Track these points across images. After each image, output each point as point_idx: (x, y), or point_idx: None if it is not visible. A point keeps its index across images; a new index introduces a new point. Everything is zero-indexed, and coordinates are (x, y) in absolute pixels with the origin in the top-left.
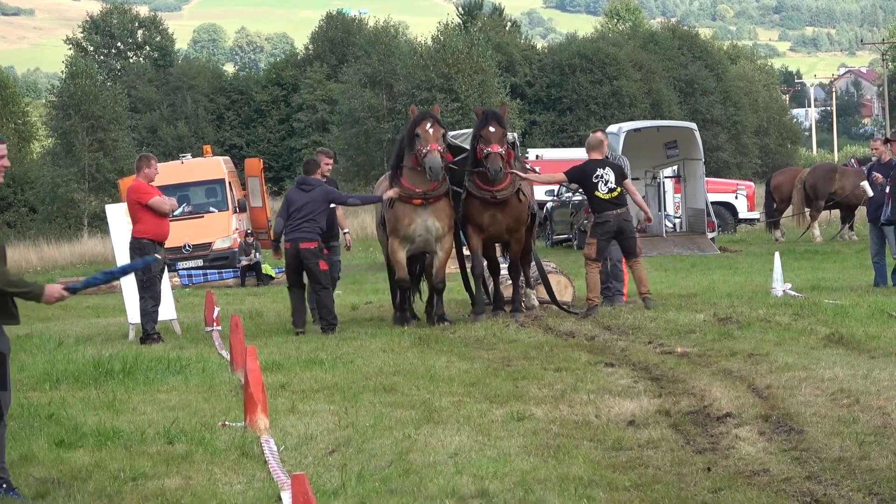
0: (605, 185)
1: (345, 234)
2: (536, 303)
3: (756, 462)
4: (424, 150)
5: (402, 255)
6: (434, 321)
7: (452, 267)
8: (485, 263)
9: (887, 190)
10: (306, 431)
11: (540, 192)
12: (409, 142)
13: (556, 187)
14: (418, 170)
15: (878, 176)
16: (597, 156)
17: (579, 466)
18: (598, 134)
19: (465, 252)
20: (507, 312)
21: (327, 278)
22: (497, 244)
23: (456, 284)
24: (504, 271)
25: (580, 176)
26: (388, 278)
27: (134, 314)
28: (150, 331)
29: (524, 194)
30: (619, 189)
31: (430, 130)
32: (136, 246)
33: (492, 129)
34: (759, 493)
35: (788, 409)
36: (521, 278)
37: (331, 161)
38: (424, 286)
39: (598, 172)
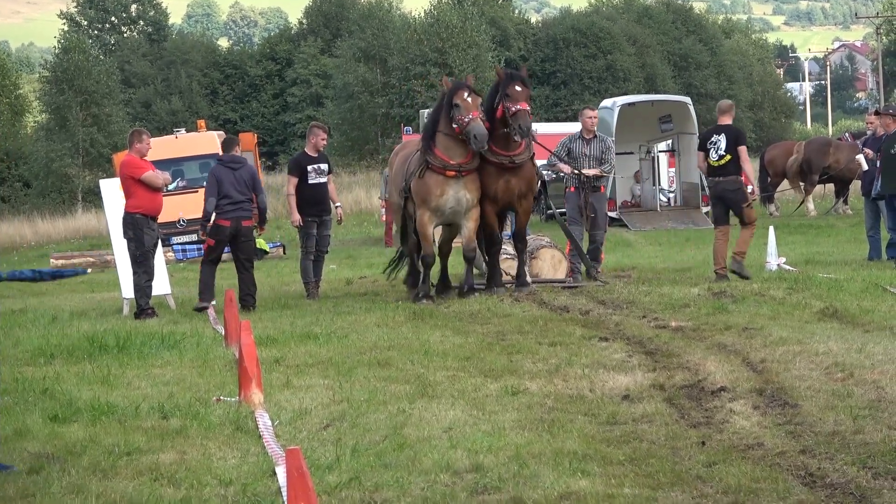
0: (716, 151)
1: (336, 207)
2: (529, 279)
3: (750, 436)
4: (467, 119)
5: (430, 230)
6: (464, 291)
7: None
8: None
9: (878, 164)
10: (301, 406)
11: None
12: (448, 113)
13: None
14: (457, 139)
15: (867, 151)
16: (725, 120)
17: (573, 441)
18: (729, 101)
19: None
20: (505, 288)
21: (254, 256)
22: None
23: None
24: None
25: (704, 140)
26: (402, 244)
27: (128, 289)
28: (143, 306)
29: (533, 160)
30: (727, 157)
31: (469, 99)
32: (129, 221)
33: (518, 87)
34: (754, 467)
35: (783, 383)
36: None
37: (325, 135)
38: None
39: (713, 138)
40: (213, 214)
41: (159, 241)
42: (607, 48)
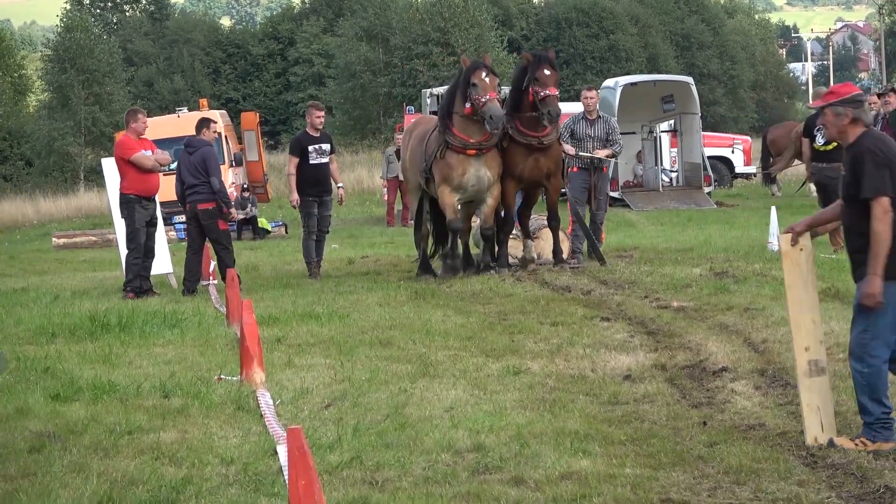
0: (822, 136)
1: (339, 188)
2: (535, 255)
3: (752, 416)
4: (483, 99)
5: (454, 199)
6: (481, 268)
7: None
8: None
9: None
10: (302, 385)
11: None
12: (464, 91)
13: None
14: (473, 119)
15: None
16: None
17: (575, 420)
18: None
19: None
20: (509, 270)
21: (228, 238)
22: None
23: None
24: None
25: (810, 126)
26: (415, 229)
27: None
28: (128, 280)
29: (560, 140)
30: (834, 143)
31: (487, 79)
32: (124, 201)
33: (547, 71)
34: (755, 447)
35: (784, 364)
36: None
37: (322, 114)
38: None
39: (819, 124)
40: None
41: (160, 220)
42: (609, 28)
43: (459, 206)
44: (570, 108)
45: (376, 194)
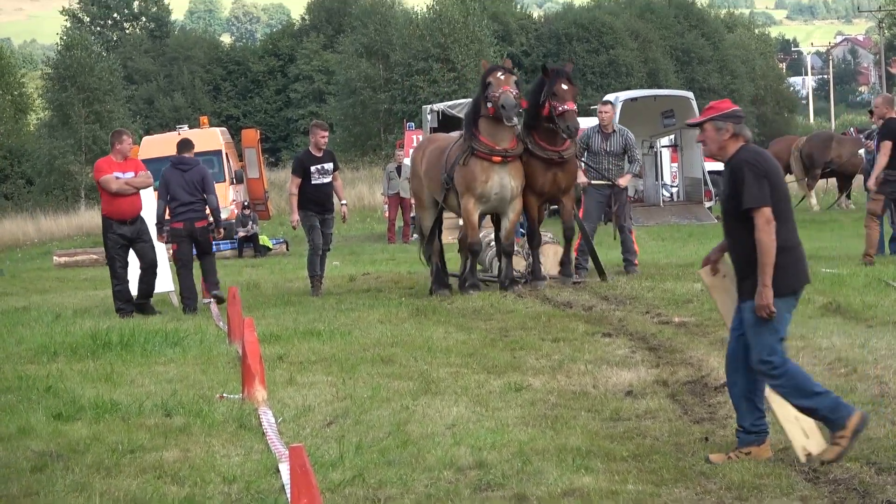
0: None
1: (342, 205)
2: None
3: None
4: (497, 93)
5: (476, 217)
6: (506, 286)
7: (451, 238)
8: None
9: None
10: (304, 403)
11: None
12: (483, 92)
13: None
14: (497, 124)
15: (868, 143)
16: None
17: (577, 437)
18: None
19: (459, 222)
20: (544, 282)
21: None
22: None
23: (453, 255)
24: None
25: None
26: (426, 244)
27: (132, 287)
28: (118, 307)
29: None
30: None
31: (502, 77)
32: (103, 224)
33: (564, 86)
34: (757, 463)
35: None
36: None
37: (326, 133)
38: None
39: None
40: (167, 218)
41: (153, 238)
42: (609, 43)
43: (479, 212)
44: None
45: (377, 211)
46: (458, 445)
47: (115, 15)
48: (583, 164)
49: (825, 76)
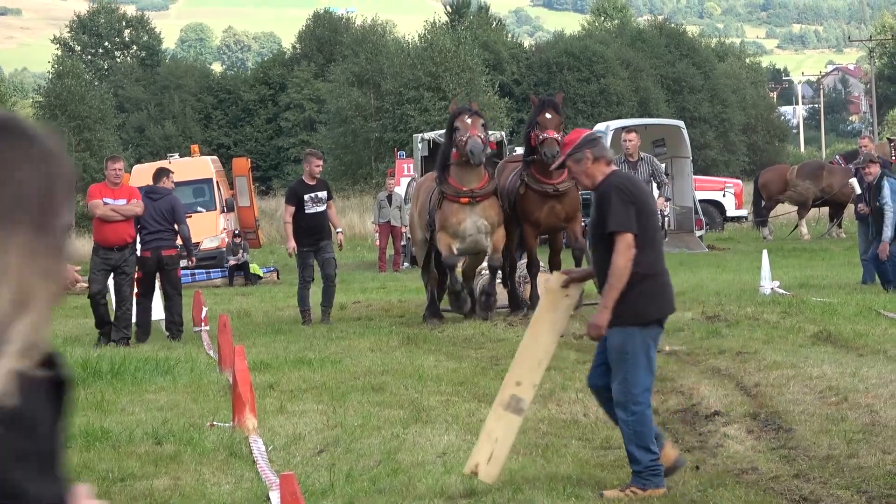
0: None
1: (338, 233)
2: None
3: (744, 460)
4: (465, 138)
5: (448, 241)
6: (482, 301)
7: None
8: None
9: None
10: (294, 431)
11: None
12: (449, 136)
13: None
14: (464, 166)
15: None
16: None
17: (568, 465)
18: None
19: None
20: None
21: (181, 285)
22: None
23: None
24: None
25: None
26: (422, 272)
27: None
28: (113, 338)
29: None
30: None
31: (469, 121)
32: (93, 248)
33: (548, 115)
34: (748, 492)
35: (777, 408)
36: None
37: (321, 163)
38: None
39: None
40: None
41: (123, 275)
42: (600, 72)
43: (456, 250)
44: None
45: (368, 239)
46: (448, 474)
47: (106, 44)
48: None
49: (816, 105)
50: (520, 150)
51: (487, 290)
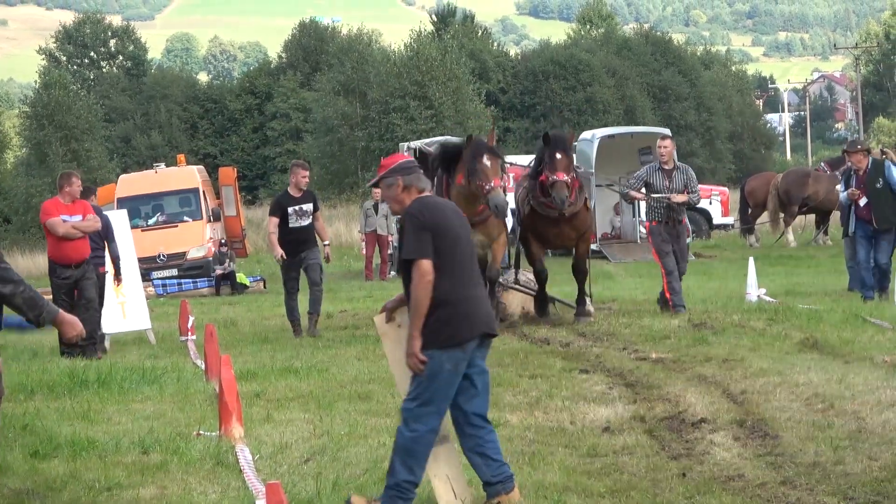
0: None
1: (325, 245)
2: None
3: (731, 467)
4: (487, 187)
5: None
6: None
7: None
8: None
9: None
10: (281, 440)
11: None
12: (470, 172)
13: None
14: (469, 196)
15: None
16: None
17: (554, 473)
18: None
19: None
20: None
21: (101, 303)
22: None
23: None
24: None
25: None
26: None
27: (107, 325)
28: (62, 350)
29: (587, 204)
30: None
31: (489, 164)
32: (49, 266)
33: (558, 155)
34: (734, 499)
35: (763, 415)
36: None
37: (307, 174)
38: None
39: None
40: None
41: (137, 276)
42: (586, 80)
43: None
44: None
45: (354, 248)
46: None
47: (92, 54)
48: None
49: (802, 113)
50: (508, 158)
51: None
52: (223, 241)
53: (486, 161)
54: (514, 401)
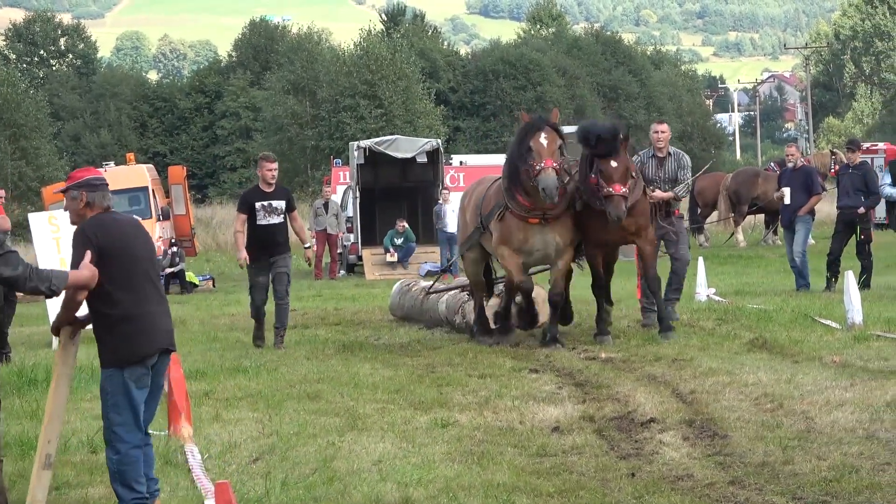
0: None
1: (306, 248)
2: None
3: (680, 467)
4: (538, 167)
5: (515, 260)
6: (546, 341)
7: (377, 274)
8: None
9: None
10: (230, 439)
11: None
12: (520, 154)
13: None
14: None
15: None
16: None
17: (503, 473)
18: None
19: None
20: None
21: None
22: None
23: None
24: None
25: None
26: (472, 293)
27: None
28: None
29: (646, 191)
30: None
31: (545, 143)
32: None
33: (613, 163)
34: (683, 498)
35: (712, 414)
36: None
37: (274, 166)
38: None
39: None
40: None
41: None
42: (537, 80)
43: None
44: (495, 161)
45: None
46: (384, 482)
47: (42, 52)
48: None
49: (752, 113)
50: (456, 158)
51: (502, 313)
52: (173, 240)
53: (543, 139)
54: (464, 400)
